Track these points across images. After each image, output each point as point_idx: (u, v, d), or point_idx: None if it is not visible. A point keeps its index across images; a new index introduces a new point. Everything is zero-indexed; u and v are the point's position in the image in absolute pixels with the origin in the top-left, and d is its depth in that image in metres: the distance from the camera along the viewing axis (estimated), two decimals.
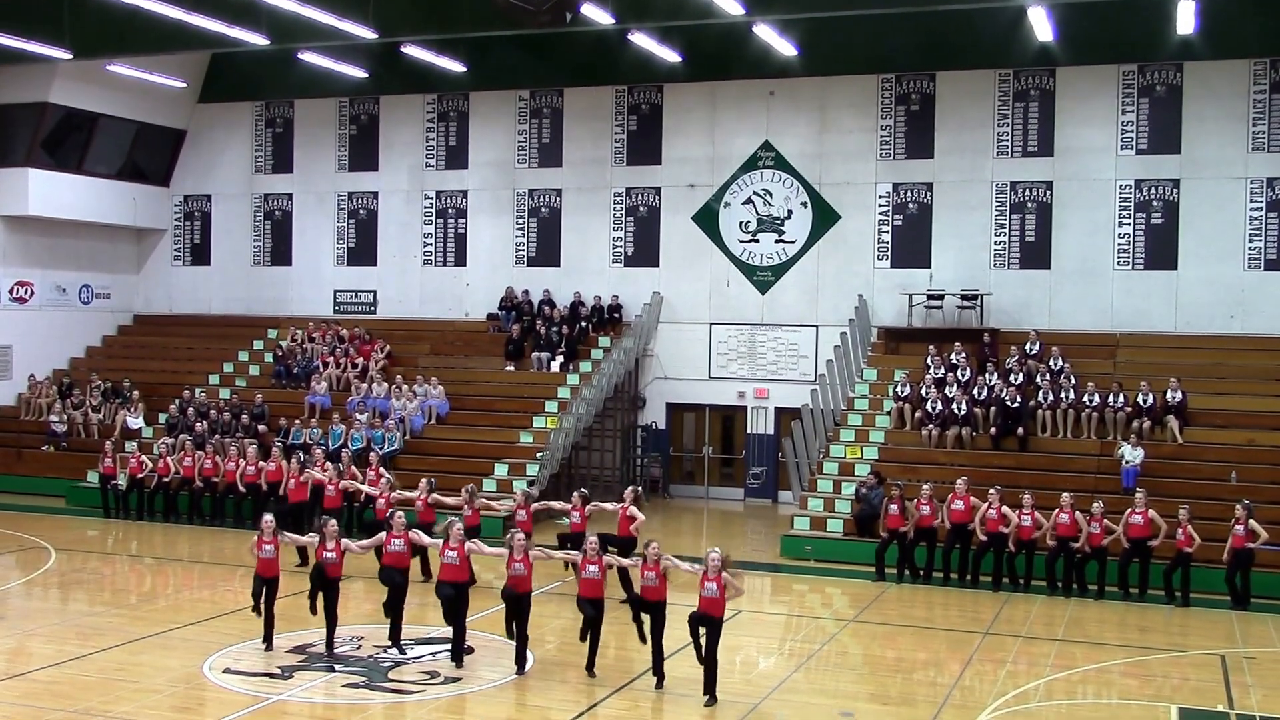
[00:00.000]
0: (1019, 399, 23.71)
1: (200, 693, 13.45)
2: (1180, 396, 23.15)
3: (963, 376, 24.94)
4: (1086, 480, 22.12)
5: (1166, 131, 26.11)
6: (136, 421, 28.54)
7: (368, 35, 22.24)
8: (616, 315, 29.34)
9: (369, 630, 15.73)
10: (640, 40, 26.01)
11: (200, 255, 33.67)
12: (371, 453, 24.45)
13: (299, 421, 26.86)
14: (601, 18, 20.87)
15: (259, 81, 32.22)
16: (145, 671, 14.13)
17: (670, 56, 27.52)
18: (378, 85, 31.17)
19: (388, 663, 14.55)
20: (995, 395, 23.99)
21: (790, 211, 28.63)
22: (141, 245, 34.05)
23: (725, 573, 13.24)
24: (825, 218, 28.37)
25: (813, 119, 28.45)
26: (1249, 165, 25.63)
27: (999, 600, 19.09)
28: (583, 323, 29.18)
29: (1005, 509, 19.66)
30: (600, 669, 14.08)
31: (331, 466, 22.24)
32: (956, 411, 23.88)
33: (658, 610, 13.68)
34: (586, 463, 28.60)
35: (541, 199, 30.56)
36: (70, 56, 24.52)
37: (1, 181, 30.29)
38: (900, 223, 27.89)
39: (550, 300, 29.68)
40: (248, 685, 13.58)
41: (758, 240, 28.88)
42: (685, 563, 14.12)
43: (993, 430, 23.64)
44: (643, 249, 29.73)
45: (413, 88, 30.94)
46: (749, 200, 28.93)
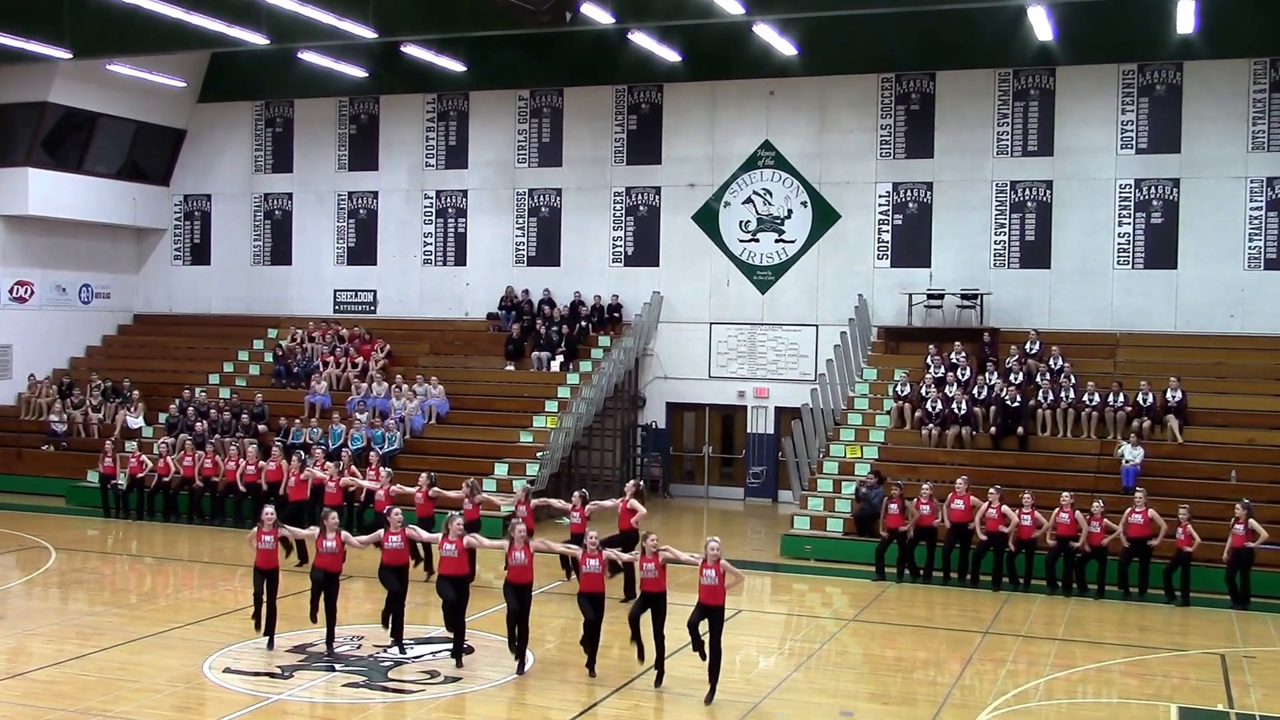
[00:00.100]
0: (1019, 398, 23.71)
1: (200, 692, 13.45)
2: (1180, 396, 23.15)
3: (963, 376, 24.94)
4: (1086, 480, 22.11)
5: (1166, 131, 26.11)
6: (136, 421, 28.54)
7: (368, 35, 22.25)
8: (616, 315, 29.33)
9: (369, 630, 15.73)
10: (640, 40, 26.01)
11: (200, 255, 33.67)
12: (371, 452, 24.46)
13: (299, 421, 26.89)
14: (601, 17, 20.87)
15: (259, 81, 32.22)
16: (145, 671, 14.13)
17: (670, 56, 27.52)
18: (378, 85, 31.16)
19: (388, 662, 14.55)
20: (995, 395, 23.99)
21: (790, 211, 28.63)
22: (141, 245, 34.05)
23: (723, 560, 13.28)
24: (825, 217, 28.37)
25: (813, 118, 28.44)
26: (1249, 164, 25.63)
27: (999, 600, 19.09)
28: (583, 322, 29.17)
29: (1005, 508, 19.66)
30: (600, 669, 14.08)
31: (331, 466, 22.25)
32: (956, 411, 23.88)
33: (658, 602, 13.67)
34: (586, 462, 28.60)
35: (541, 198, 30.55)
36: (70, 56, 24.52)
37: (1, 181, 30.30)
38: (900, 222, 27.88)
39: (550, 300, 29.68)
40: (248, 685, 13.58)
41: (758, 240, 28.88)
42: (684, 554, 14.11)
43: (993, 430, 23.64)
44: (643, 248, 29.73)
45: (413, 87, 30.94)
46: (749, 200, 28.93)
